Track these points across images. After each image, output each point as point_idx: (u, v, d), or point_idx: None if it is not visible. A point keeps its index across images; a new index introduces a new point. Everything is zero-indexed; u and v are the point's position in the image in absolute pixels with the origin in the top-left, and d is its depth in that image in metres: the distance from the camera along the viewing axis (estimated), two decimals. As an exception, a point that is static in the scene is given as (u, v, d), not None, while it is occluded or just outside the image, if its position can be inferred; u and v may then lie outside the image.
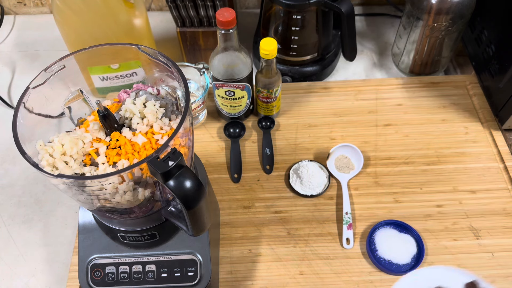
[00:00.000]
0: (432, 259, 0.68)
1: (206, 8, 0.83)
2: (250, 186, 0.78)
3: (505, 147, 0.80)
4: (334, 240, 0.71)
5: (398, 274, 0.67)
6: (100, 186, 0.45)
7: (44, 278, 0.70)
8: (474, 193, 0.75)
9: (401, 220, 0.71)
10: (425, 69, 0.92)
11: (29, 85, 0.50)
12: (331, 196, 0.76)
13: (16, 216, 0.77)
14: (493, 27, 0.84)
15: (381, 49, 1.00)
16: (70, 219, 0.76)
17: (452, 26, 0.81)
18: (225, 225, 0.73)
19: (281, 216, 0.74)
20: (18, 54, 1.02)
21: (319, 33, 0.86)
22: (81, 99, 0.54)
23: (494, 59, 0.83)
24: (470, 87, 0.89)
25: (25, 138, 0.47)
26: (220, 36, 0.70)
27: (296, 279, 0.67)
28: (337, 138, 0.83)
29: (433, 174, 0.78)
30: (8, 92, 0.95)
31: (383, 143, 0.82)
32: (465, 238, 0.70)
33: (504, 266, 0.68)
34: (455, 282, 0.53)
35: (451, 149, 0.81)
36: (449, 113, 0.86)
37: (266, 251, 0.70)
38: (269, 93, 0.79)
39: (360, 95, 0.89)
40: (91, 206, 0.52)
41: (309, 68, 0.91)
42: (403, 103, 0.88)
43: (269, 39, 0.71)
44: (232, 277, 0.68)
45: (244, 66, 0.75)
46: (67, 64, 0.53)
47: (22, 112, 0.48)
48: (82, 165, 0.50)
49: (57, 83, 0.53)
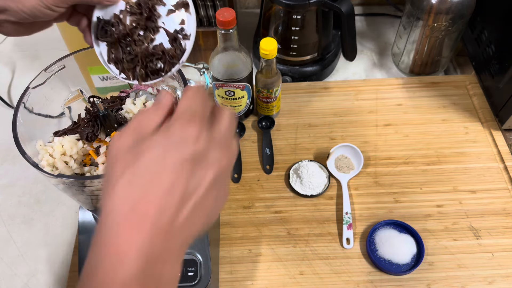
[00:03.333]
0: (432, 259, 0.68)
1: (206, 8, 0.83)
2: (250, 186, 0.78)
3: (505, 147, 0.80)
4: (334, 240, 0.71)
5: (398, 274, 0.67)
6: (100, 186, 0.45)
7: (44, 278, 0.70)
8: (474, 193, 0.75)
9: (401, 220, 0.71)
10: (425, 69, 0.91)
11: (29, 85, 0.50)
12: (331, 196, 0.76)
13: (16, 216, 0.77)
14: (493, 27, 0.84)
15: (381, 49, 1.00)
16: (70, 219, 0.76)
17: (452, 26, 0.81)
18: (225, 225, 0.73)
19: (281, 216, 0.74)
20: (18, 54, 1.02)
21: (319, 33, 0.86)
22: (81, 99, 0.54)
23: (494, 59, 0.83)
24: (470, 87, 0.89)
25: (25, 138, 0.47)
26: (220, 36, 0.70)
27: (296, 279, 0.67)
28: (337, 138, 0.83)
29: (433, 174, 0.78)
30: (8, 92, 0.95)
31: (383, 143, 0.82)
32: (465, 238, 0.70)
33: (504, 266, 0.68)
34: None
35: (451, 149, 0.81)
36: (449, 113, 0.86)
37: (266, 251, 0.70)
38: (269, 93, 0.79)
39: (360, 95, 0.89)
40: (90, 206, 0.52)
41: (309, 68, 0.91)
42: (403, 103, 0.87)
43: (269, 39, 0.71)
44: (232, 277, 0.68)
45: (244, 66, 0.75)
46: (67, 64, 0.53)
47: (22, 112, 0.49)
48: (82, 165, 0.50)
49: (57, 83, 0.53)
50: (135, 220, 0.29)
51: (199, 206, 0.31)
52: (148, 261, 0.29)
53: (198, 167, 0.31)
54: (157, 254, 0.29)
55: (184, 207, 0.30)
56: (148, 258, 0.29)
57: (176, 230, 0.30)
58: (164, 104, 0.34)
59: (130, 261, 0.28)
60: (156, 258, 0.29)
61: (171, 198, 0.29)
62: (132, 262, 0.28)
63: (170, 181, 0.30)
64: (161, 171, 0.30)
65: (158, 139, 0.31)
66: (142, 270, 0.28)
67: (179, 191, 0.30)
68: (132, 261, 0.28)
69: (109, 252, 0.29)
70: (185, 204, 0.30)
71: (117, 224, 0.29)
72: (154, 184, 0.29)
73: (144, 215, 0.29)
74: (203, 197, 0.31)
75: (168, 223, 0.29)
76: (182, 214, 0.30)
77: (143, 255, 0.28)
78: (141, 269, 0.28)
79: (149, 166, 0.30)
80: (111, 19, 0.47)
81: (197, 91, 0.34)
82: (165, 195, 0.29)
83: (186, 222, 0.30)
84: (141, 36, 0.46)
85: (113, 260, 0.28)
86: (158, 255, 0.29)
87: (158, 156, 0.30)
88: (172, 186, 0.30)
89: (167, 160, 0.30)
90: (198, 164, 0.31)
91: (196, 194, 0.31)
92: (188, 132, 0.31)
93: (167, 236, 0.29)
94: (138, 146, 0.31)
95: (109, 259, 0.28)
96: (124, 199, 0.29)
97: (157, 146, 0.31)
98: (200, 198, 0.31)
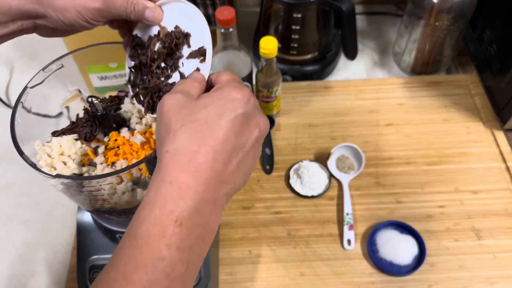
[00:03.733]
0: (434, 260, 0.68)
1: (205, 7, 0.83)
2: (250, 187, 0.77)
3: (507, 147, 0.80)
4: (334, 241, 0.70)
5: (400, 275, 0.66)
6: (98, 186, 0.45)
7: (43, 279, 0.70)
8: (476, 194, 0.75)
9: (403, 220, 0.71)
10: (427, 69, 0.91)
11: (27, 85, 0.50)
12: (331, 196, 0.75)
13: (14, 217, 0.76)
14: (494, 26, 0.84)
15: (382, 48, 0.99)
16: (68, 219, 0.75)
17: (453, 25, 0.80)
18: (224, 226, 0.73)
19: (282, 217, 0.73)
20: (16, 53, 1.02)
21: (319, 32, 0.85)
22: (79, 98, 0.53)
23: (496, 58, 0.83)
24: (472, 86, 0.89)
25: (23, 138, 0.47)
26: (220, 35, 0.70)
27: (297, 280, 0.67)
28: (338, 138, 0.82)
29: (435, 174, 0.77)
30: (6, 91, 0.95)
31: (384, 143, 0.81)
32: (467, 238, 0.70)
33: (505, 267, 0.67)
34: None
35: (452, 149, 0.80)
36: (450, 113, 0.85)
37: (266, 252, 0.70)
38: (269, 93, 0.78)
39: (361, 94, 0.89)
40: (89, 207, 0.52)
41: (309, 67, 0.91)
42: (404, 103, 0.87)
43: (269, 38, 0.71)
44: (231, 278, 0.68)
45: (244, 65, 0.74)
46: (65, 63, 0.53)
47: (20, 111, 0.48)
48: (80, 165, 0.49)
49: (56, 83, 0.53)
50: (196, 164, 0.32)
51: (243, 161, 0.35)
52: (201, 202, 0.32)
53: (246, 126, 0.35)
54: (208, 198, 0.33)
55: (233, 159, 0.34)
56: (202, 200, 0.32)
57: (224, 179, 0.34)
58: (200, 79, 0.40)
59: (189, 197, 0.32)
60: (207, 202, 0.33)
61: (225, 149, 0.33)
62: (190, 200, 0.32)
63: (225, 134, 0.33)
64: (218, 125, 0.34)
65: (211, 98, 0.35)
66: (196, 209, 0.32)
67: (231, 144, 0.34)
68: (190, 199, 0.32)
69: (171, 187, 0.32)
70: (234, 156, 0.34)
71: (181, 166, 0.33)
72: (212, 134, 0.33)
73: (203, 161, 0.33)
74: (247, 153, 0.35)
75: (220, 170, 0.33)
76: (231, 165, 0.34)
77: (199, 196, 0.32)
78: (195, 208, 0.32)
79: (207, 119, 0.34)
80: (145, 41, 0.47)
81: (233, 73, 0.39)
82: (220, 145, 0.33)
83: (232, 173, 0.34)
84: (160, 69, 0.45)
85: (175, 194, 0.32)
86: (208, 200, 0.33)
87: (214, 111, 0.34)
88: (226, 138, 0.33)
89: (223, 116, 0.34)
90: (246, 122, 0.35)
91: (243, 149, 0.35)
92: (240, 94, 0.35)
93: (217, 183, 0.33)
94: (193, 103, 0.35)
95: (170, 192, 0.32)
96: (188, 144, 0.33)
97: (213, 103, 0.35)
98: (245, 153, 0.35)
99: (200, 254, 0.34)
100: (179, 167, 0.33)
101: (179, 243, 0.31)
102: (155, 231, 0.31)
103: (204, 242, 0.33)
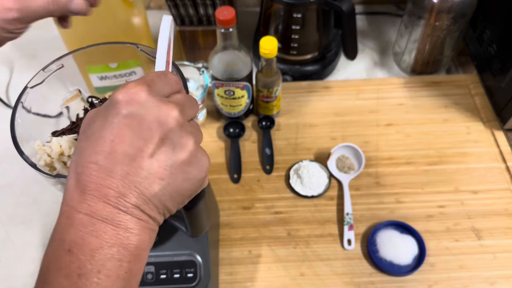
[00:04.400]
0: (434, 260, 0.68)
1: (205, 7, 0.83)
2: (250, 187, 0.77)
3: (507, 147, 0.80)
4: (334, 241, 0.70)
5: (400, 275, 0.66)
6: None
7: (43, 279, 0.70)
8: (476, 194, 0.75)
9: (403, 221, 0.71)
10: (427, 69, 0.91)
11: (27, 85, 0.50)
12: (331, 196, 0.75)
13: (14, 217, 0.76)
14: (495, 26, 0.84)
15: (382, 48, 0.99)
16: (68, 219, 0.75)
17: (453, 25, 0.80)
18: (224, 226, 0.73)
19: (282, 217, 0.73)
20: (16, 53, 1.02)
21: (319, 32, 0.85)
22: (79, 98, 0.53)
23: (496, 58, 0.83)
24: (472, 86, 0.88)
25: (23, 138, 0.47)
26: (220, 35, 0.70)
27: (297, 280, 0.67)
28: (338, 138, 0.82)
29: (435, 174, 0.77)
30: (6, 91, 0.95)
31: (384, 143, 0.81)
32: (467, 239, 0.70)
33: (506, 267, 0.67)
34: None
35: (452, 149, 0.80)
36: (450, 113, 0.85)
37: (266, 252, 0.70)
38: (269, 93, 0.78)
39: (361, 94, 0.88)
40: (89, 207, 0.52)
41: (309, 67, 0.91)
42: (405, 103, 0.87)
43: (269, 38, 0.71)
44: (231, 278, 0.68)
45: (244, 65, 0.74)
46: (65, 63, 0.52)
47: (20, 111, 0.48)
48: (80, 166, 0.49)
49: (56, 83, 0.53)
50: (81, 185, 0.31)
51: (151, 166, 0.31)
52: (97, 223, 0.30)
53: (138, 126, 0.32)
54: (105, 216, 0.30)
55: (130, 168, 0.31)
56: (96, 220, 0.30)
57: (123, 192, 0.31)
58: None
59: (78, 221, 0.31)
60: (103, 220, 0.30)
61: (113, 161, 0.31)
62: (80, 224, 0.31)
63: (110, 144, 0.31)
64: (101, 137, 0.31)
65: (100, 109, 0.33)
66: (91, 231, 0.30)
67: (122, 153, 0.31)
68: (80, 223, 0.31)
69: (62, 216, 0.32)
70: (131, 164, 0.31)
71: (70, 190, 0.32)
72: (95, 149, 0.31)
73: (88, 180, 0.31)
74: (151, 155, 0.32)
75: (110, 185, 0.31)
76: (130, 175, 0.31)
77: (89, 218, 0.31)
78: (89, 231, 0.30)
79: (94, 132, 0.32)
80: None
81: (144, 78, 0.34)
82: (104, 160, 0.31)
83: (134, 182, 0.31)
84: None
85: (65, 223, 0.32)
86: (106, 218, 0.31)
87: (99, 124, 0.32)
88: (113, 148, 0.31)
89: (105, 125, 0.31)
90: (138, 123, 0.32)
91: (142, 154, 0.31)
92: (121, 95, 0.32)
93: (112, 198, 0.31)
94: (87, 120, 0.33)
95: (61, 222, 0.32)
96: (74, 166, 0.32)
97: (98, 113, 0.32)
98: (149, 157, 0.31)
99: (121, 276, 0.30)
100: (68, 194, 0.32)
101: (78, 271, 0.30)
102: (53, 265, 0.31)
103: (124, 262, 0.31)
